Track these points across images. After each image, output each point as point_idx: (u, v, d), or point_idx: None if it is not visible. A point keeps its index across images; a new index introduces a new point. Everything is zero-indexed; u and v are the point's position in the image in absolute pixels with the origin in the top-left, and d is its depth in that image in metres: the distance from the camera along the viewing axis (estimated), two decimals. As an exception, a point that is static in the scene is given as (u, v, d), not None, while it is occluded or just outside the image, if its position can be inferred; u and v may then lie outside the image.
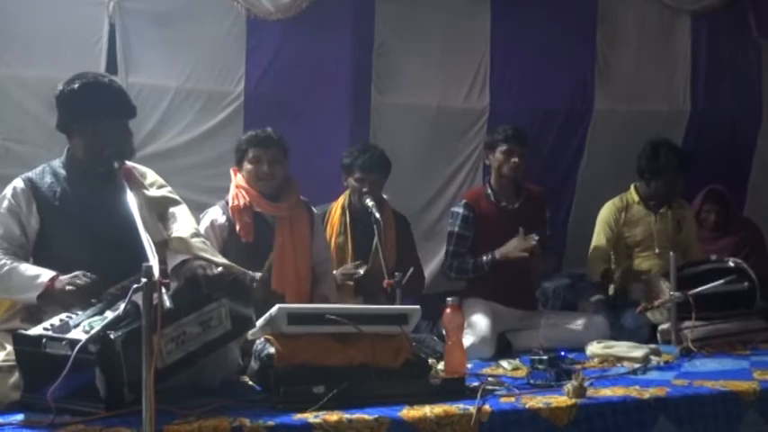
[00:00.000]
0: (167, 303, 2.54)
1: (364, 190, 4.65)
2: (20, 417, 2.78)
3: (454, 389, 3.26)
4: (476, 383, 3.36)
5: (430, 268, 5.53)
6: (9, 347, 3.00)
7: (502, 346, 4.70)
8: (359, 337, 3.19)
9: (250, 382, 3.41)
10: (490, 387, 3.33)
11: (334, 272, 4.57)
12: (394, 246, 4.78)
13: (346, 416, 2.83)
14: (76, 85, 3.36)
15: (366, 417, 2.84)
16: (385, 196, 4.86)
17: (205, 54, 5.35)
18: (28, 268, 3.29)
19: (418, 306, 3.42)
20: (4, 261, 3.28)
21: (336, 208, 4.82)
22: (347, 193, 4.82)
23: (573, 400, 3.13)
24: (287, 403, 2.93)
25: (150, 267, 2.54)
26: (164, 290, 2.55)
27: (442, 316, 3.66)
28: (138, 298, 2.56)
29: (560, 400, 3.14)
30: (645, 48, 6.21)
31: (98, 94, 3.37)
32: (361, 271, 4.53)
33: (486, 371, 3.94)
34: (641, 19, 6.21)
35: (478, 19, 5.86)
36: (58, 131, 3.47)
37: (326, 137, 5.47)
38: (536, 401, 3.12)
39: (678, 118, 6.28)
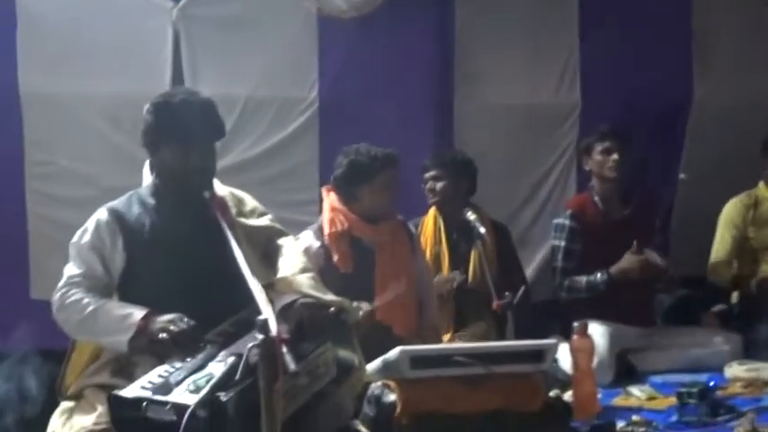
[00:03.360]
0: (292, 366, 2.17)
1: (437, 188, 4.50)
2: (120, 491, 2.44)
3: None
4: (622, 424, 2.97)
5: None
6: (100, 408, 2.65)
7: (622, 368, 4.27)
8: (490, 379, 2.82)
9: (364, 430, 3.03)
10: (641, 430, 2.94)
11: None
12: (494, 259, 4.38)
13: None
14: (170, 99, 2.98)
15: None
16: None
17: (275, 59, 5.06)
18: (116, 306, 2.89)
19: (555, 341, 3.03)
20: (87, 300, 2.87)
21: (428, 219, 4.56)
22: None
23: (747, 446, 2.73)
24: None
25: (266, 322, 2.19)
26: (284, 348, 2.17)
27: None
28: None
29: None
30: (747, 36, 5.71)
31: (192, 110, 2.94)
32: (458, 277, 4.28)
33: (618, 401, 3.56)
34: (742, 5, 5.72)
35: (566, 9, 5.44)
36: (144, 148, 3.04)
37: (407, 144, 5.00)
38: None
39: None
